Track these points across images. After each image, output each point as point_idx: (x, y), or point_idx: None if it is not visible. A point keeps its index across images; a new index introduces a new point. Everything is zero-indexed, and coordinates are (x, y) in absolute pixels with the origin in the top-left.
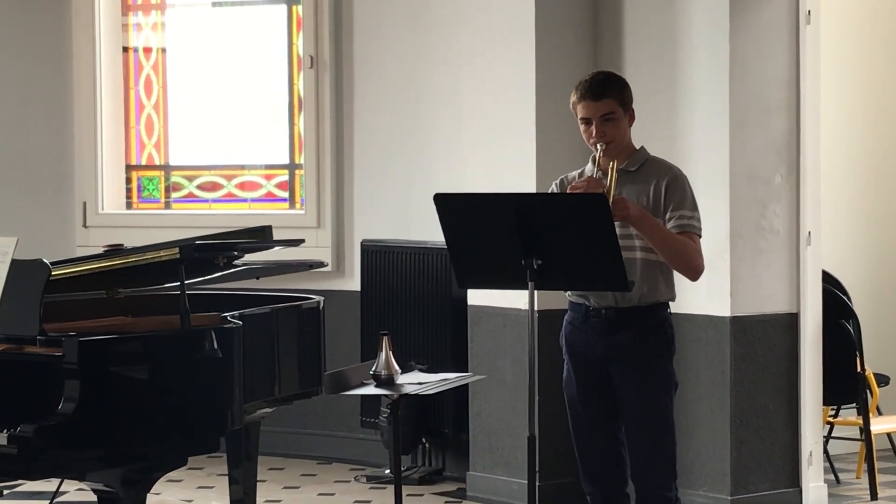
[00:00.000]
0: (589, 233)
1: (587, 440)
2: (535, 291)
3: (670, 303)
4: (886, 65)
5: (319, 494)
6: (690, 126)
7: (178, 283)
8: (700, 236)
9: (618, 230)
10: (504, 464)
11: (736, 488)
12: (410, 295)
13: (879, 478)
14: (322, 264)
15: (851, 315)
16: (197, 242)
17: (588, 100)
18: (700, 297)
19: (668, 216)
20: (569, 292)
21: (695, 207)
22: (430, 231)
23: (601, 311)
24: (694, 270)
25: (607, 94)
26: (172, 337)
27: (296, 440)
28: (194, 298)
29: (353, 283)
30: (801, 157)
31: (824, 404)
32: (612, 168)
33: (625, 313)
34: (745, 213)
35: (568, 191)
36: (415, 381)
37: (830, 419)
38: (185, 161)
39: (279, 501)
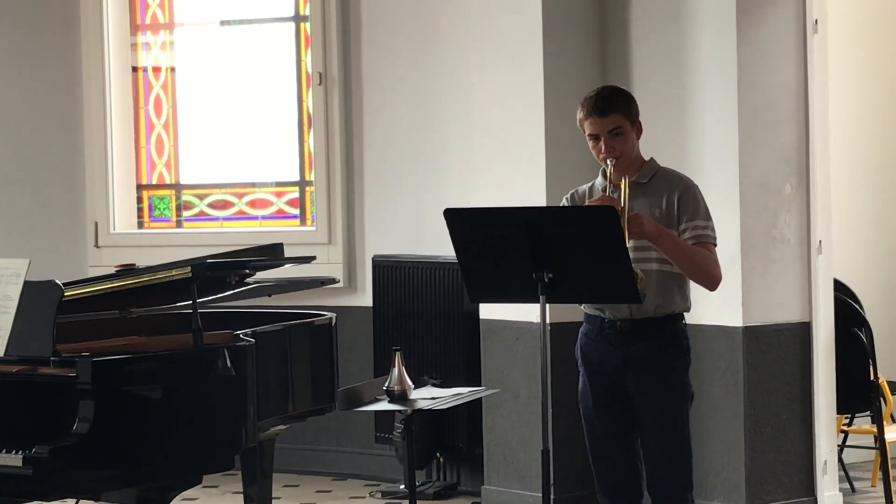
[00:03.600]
0: (599, 246)
1: (603, 452)
2: (547, 305)
3: (685, 314)
4: (894, 72)
5: None
6: (700, 137)
7: (191, 302)
8: (715, 245)
9: (633, 242)
10: (519, 477)
11: (751, 498)
12: (422, 310)
13: (894, 486)
14: (334, 281)
15: (864, 323)
16: (209, 261)
17: (595, 116)
18: (712, 308)
19: (682, 227)
20: (584, 304)
21: (708, 217)
22: (441, 246)
23: (616, 323)
24: (712, 280)
25: (614, 110)
26: (185, 356)
27: (310, 457)
28: (207, 317)
29: (364, 298)
30: (810, 166)
31: (838, 413)
32: (625, 184)
33: (640, 325)
34: (756, 223)
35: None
36: (428, 396)
37: (844, 428)
38: (195, 180)
39: None
